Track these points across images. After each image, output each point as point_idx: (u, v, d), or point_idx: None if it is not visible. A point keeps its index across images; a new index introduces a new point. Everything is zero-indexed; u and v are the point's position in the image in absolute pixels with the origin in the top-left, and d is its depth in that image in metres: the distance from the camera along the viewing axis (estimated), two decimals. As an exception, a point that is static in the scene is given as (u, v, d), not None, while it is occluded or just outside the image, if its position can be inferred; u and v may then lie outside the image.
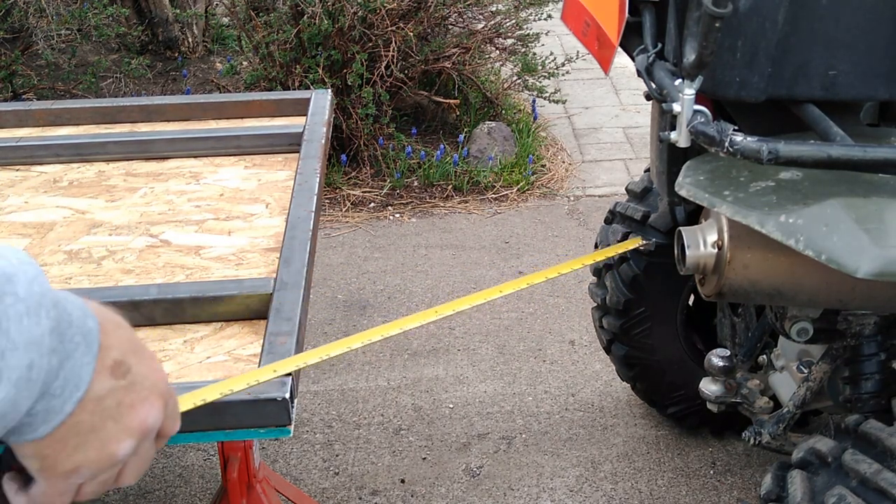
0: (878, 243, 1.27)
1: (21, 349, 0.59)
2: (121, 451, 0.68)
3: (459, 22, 4.45)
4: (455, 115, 4.46)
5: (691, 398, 2.30)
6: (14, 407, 0.60)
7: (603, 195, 4.04)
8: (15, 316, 0.59)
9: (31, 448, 0.65)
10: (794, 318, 1.74)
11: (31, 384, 0.60)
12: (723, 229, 1.60)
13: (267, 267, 1.48)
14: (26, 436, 0.63)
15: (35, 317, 0.60)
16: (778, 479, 1.56)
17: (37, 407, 0.62)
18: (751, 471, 2.46)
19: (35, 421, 0.63)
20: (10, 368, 0.58)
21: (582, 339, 3.01)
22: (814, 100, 1.46)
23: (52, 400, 0.63)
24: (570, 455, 2.52)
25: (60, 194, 1.76)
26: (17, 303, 0.59)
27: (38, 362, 0.60)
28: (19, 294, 0.59)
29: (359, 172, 4.10)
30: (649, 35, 1.56)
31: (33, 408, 0.62)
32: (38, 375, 0.60)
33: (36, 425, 0.63)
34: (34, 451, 0.65)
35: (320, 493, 2.38)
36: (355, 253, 3.58)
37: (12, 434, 0.63)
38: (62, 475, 0.66)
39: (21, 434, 0.63)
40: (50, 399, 0.63)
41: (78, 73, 4.54)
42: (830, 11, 1.40)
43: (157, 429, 0.71)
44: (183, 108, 2.06)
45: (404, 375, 2.84)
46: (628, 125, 4.75)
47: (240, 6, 4.14)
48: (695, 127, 1.35)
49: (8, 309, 0.58)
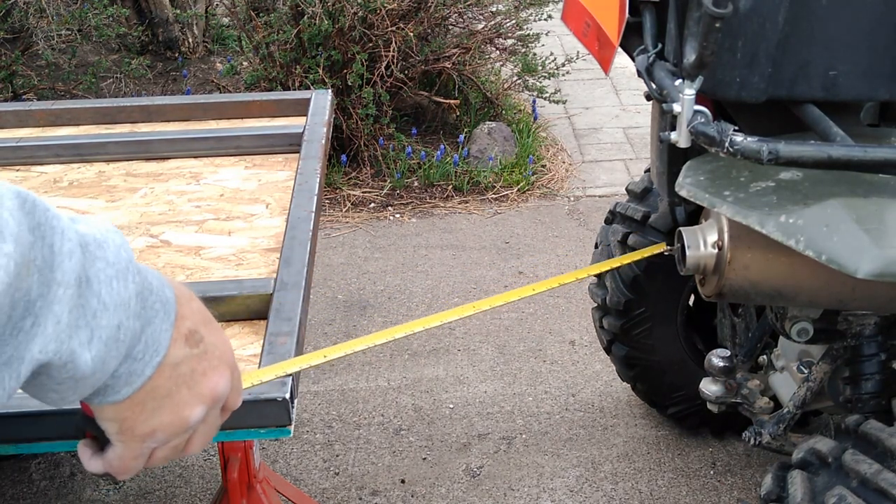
0: (879, 244, 1.27)
1: (111, 310, 0.62)
2: (193, 417, 0.71)
3: (460, 22, 4.45)
4: (455, 116, 4.46)
5: (691, 398, 2.30)
6: (103, 366, 0.63)
7: (603, 195, 4.04)
8: (105, 279, 0.62)
9: (112, 410, 0.68)
10: (794, 318, 1.74)
11: (119, 344, 0.64)
12: (723, 230, 1.60)
13: (267, 267, 1.48)
14: (109, 397, 0.67)
15: (123, 281, 0.63)
16: (778, 480, 1.56)
17: (121, 369, 0.65)
18: (751, 471, 2.46)
19: (118, 383, 0.66)
20: (102, 328, 0.62)
21: (582, 339, 3.01)
22: (814, 100, 1.46)
23: (134, 363, 0.66)
24: (571, 455, 2.52)
25: (61, 195, 1.76)
26: (107, 267, 0.62)
27: (125, 324, 0.64)
28: (109, 259, 0.63)
29: (359, 173, 4.10)
30: (649, 35, 1.56)
31: (118, 369, 0.65)
32: (125, 336, 0.64)
33: (118, 387, 0.66)
34: (115, 413, 0.68)
35: (320, 494, 2.38)
36: (355, 253, 3.58)
37: (96, 395, 0.66)
38: (139, 438, 0.69)
39: (105, 395, 0.66)
40: (132, 362, 0.66)
41: (78, 73, 4.54)
42: (831, 12, 1.39)
43: (225, 397, 0.74)
44: (183, 109, 2.06)
45: (404, 376, 2.84)
46: (628, 125, 4.75)
47: (240, 6, 4.14)
48: (695, 127, 1.35)
49: (99, 272, 0.62)
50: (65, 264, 0.59)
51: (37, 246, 0.57)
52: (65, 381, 0.62)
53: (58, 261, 0.59)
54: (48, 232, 0.58)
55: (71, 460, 2.48)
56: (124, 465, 0.71)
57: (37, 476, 2.43)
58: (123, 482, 2.40)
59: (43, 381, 0.62)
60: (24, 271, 0.56)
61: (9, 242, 0.55)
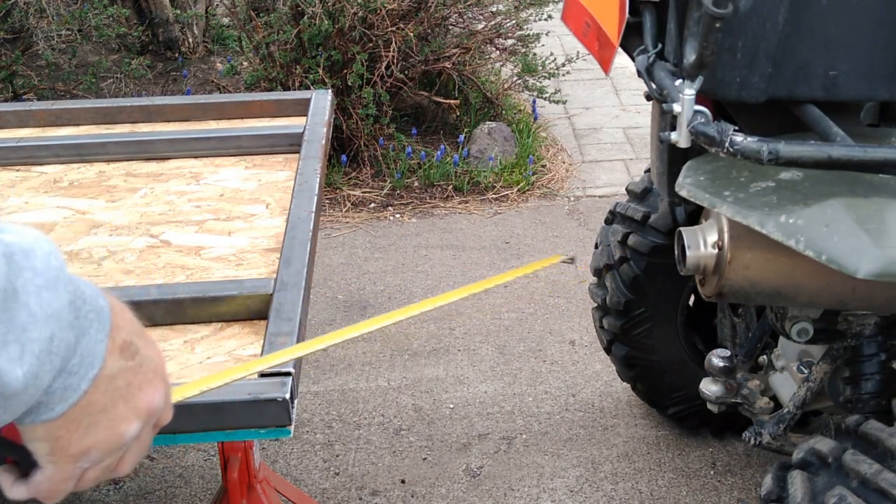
0: (879, 244, 1.27)
1: (42, 322, 0.59)
2: (129, 432, 0.67)
3: (460, 22, 4.45)
4: (455, 116, 4.46)
5: (692, 398, 2.30)
6: (36, 381, 0.59)
7: (603, 195, 4.04)
8: (34, 290, 0.59)
9: (44, 430, 0.64)
10: (794, 318, 1.74)
11: (53, 357, 0.60)
12: (723, 230, 1.60)
13: (267, 267, 1.48)
14: (42, 415, 0.63)
15: (54, 290, 0.60)
16: (778, 480, 1.56)
17: (55, 384, 0.62)
18: (751, 471, 2.46)
19: (52, 399, 0.62)
20: (32, 341, 0.58)
21: (582, 339, 3.01)
22: (814, 100, 1.46)
23: (70, 377, 0.62)
24: (571, 455, 2.52)
25: (61, 195, 1.76)
26: (35, 276, 0.59)
27: (58, 335, 0.60)
28: (37, 268, 0.59)
29: (359, 173, 4.10)
30: (650, 35, 1.56)
31: (52, 385, 0.62)
32: (58, 348, 0.60)
33: (53, 404, 0.62)
34: (47, 432, 0.64)
35: (320, 494, 2.38)
36: (355, 253, 3.58)
37: (28, 414, 0.62)
38: (72, 457, 0.66)
39: (37, 413, 0.62)
40: (67, 376, 0.62)
41: (78, 73, 4.54)
42: (831, 12, 1.40)
43: (160, 412, 0.71)
44: (183, 109, 2.06)
45: (405, 376, 2.84)
46: (628, 125, 4.75)
47: (240, 6, 4.14)
48: (695, 127, 1.35)
49: (27, 283, 0.58)
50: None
51: None
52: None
53: None
54: None
55: (71, 460, 2.47)
56: (53, 488, 0.67)
57: (37, 476, 2.43)
58: (124, 482, 2.40)
59: None
60: None
61: None
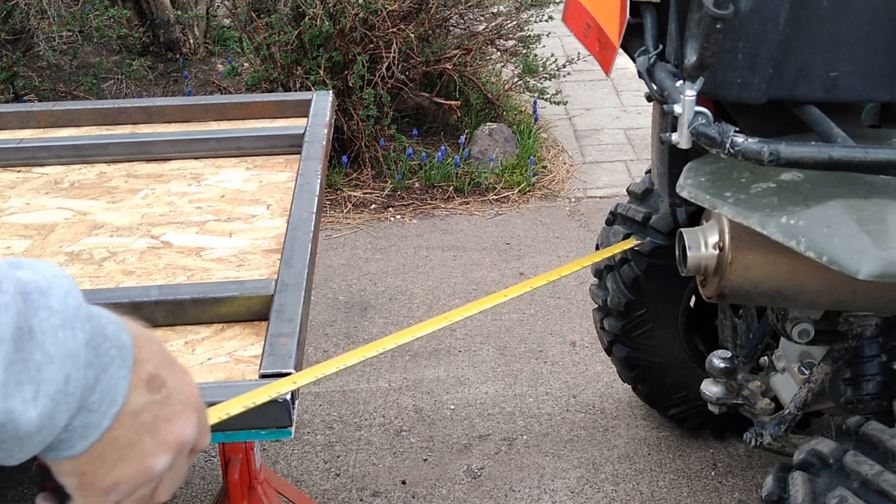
0: (880, 245, 1.27)
1: (57, 362, 0.58)
2: (158, 466, 0.67)
3: (460, 23, 4.45)
4: (456, 117, 4.46)
5: (692, 400, 2.30)
6: (51, 421, 0.59)
7: (604, 196, 4.04)
8: (50, 329, 0.58)
9: (70, 465, 0.64)
10: (795, 319, 1.74)
11: (69, 398, 0.60)
12: (724, 231, 1.60)
13: (268, 268, 1.48)
14: (64, 452, 0.63)
15: (70, 329, 0.59)
16: (779, 481, 1.56)
17: (74, 422, 0.61)
18: (752, 472, 2.46)
19: (73, 437, 0.62)
20: (47, 382, 0.58)
21: (583, 340, 3.01)
22: (815, 101, 1.46)
23: (90, 415, 0.62)
24: (572, 456, 2.52)
25: (62, 196, 1.76)
26: (51, 316, 0.59)
27: (74, 375, 0.60)
28: (54, 307, 0.59)
29: (360, 174, 4.10)
30: (650, 36, 1.56)
31: (70, 423, 0.61)
32: (74, 389, 0.60)
33: (74, 441, 0.62)
34: (72, 468, 0.64)
35: (321, 495, 2.38)
36: (356, 254, 3.58)
37: (50, 451, 0.62)
38: (101, 492, 0.65)
39: (59, 451, 0.62)
40: (87, 414, 0.62)
41: (79, 74, 4.54)
42: (832, 13, 1.39)
43: (192, 443, 0.70)
44: (184, 110, 2.07)
45: (405, 377, 2.84)
46: (629, 126, 4.75)
47: (241, 8, 4.14)
48: (696, 128, 1.35)
49: (43, 322, 0.58)
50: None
51: None
52: (7, 441, 0.58)
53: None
54: None
55: (72, 461, 2.47)
56: None
57: (38, 477, 2.43)
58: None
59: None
60: None
61: None
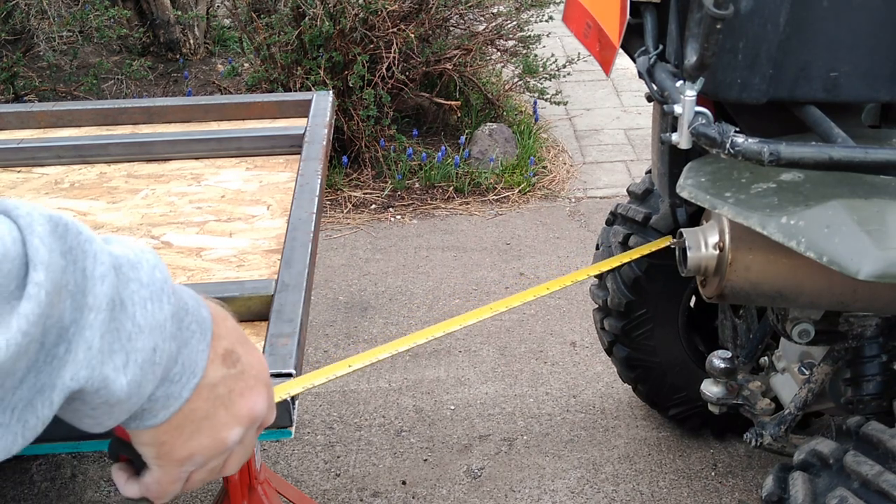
0: (880, 245, 1.27)
1: (146, 333, 0.61)
2: (231, 438, 0.70)
3: (461, 23, 4.45)
4: (456, 117, 4.47)
5: (693, 400, 2.30)
6: (139, 389, 0.62)
7: (604, 197, 4.04)
8: (140, 301, 0.61)
9: (149, 435, 0.67)
10: (795, 319, 1.74)
11: (156, 367, 0.62)
12: (724, 231, 1.60)
13: (268, 268, 1.48)
14: (147, 421, 0.65)
15: (158, 302, 0.62)
16: (779, 481, 1.56)
17: (157, 392, 0.64)
18: (752, 472, 2.46)
19: (155, 406, 0.65)
20: (137, 351, 0.60)
21: (583, 340, 3.01)
22: (815, 101, 1.46)
23: (171, 386, 0.65)
24: (572, 457, 2.52)
25: (62, 196, 1.76)
26: (141, 288, 0.61)
27: (161, 346, 0.62)
28: (143, 280, 0.62)
29: (360, 174, 4.10)
30: (651, 37, 1.56)
31: (154, 393, 0.64)
32: (161, 359, 0.62)
33: (156, 411, 0.65)
34: (152, 437, 0.67)
35: (321, 495, 2.38)
36: (356, 254, 3.58)
37: (133, 420, 0.65)
38: (177, 461, 0.68)
39: (142, 420, 0.65)
40: (169, 385, 0.65)
41: (79, 74, 4.54)
42: (832, 13, 1.39)
43: (263, 417, 0.73)
44: (184, 110, 2.07)
45: (405, 377, 2.84)
46: (629, 127, 4.75)
47: (241, 8, 4.14)
48: (696, 128, 1.35)
49: (133, 294, 0.61)
50: (97, 288, 0.58)
51: (69, 271, 0.56)
52: (99, 407, 0.61)
53: (90, 285, 0.58)
54: (80, 256, 0.57)
55: (72, 462, 2.48)
56: (162, 489, 0.70)
57: (38, 477, 2.43)
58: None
59: (77, 406, 0.61)
60: (55, 298, 0.55)
61: (39, 271, 0.54)
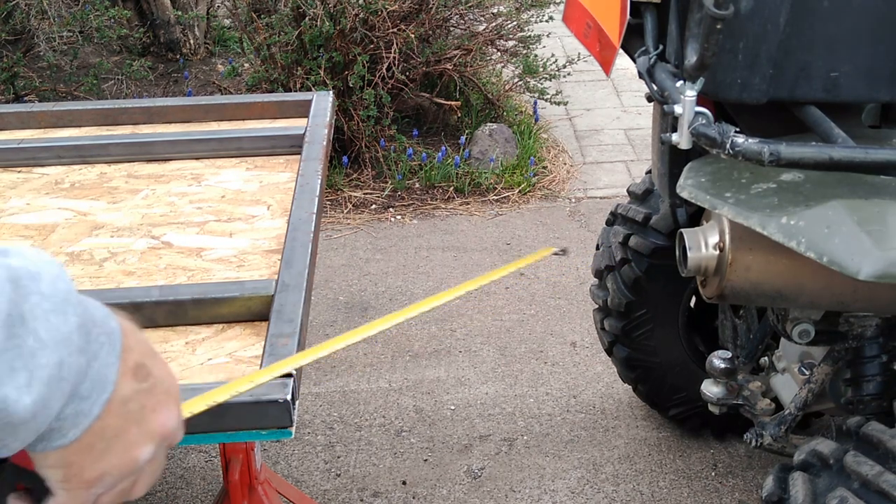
0: (880, 245, 1.27)
1: (50, 347, 0.57)
2: (142, 457, 0.66)
3: (461, 24, 4.45)
4: (456, 117, 4.47)
5: (693, 400, 2.30)
6: (46, 408, 0.58)
7: (604, 197, 4.04)
8: (42, 314, 0.57)
9: (57, 457, 0.63)
10: (795, 319, 1.74)
11: (62, 383, 0.59)
12: (724, 231, 1.60)
13: (268, 269, 1.48)
14: (55, 442, 0.62)
15: (62, 314, 0.59)
16: (779, 481, 1.56)
17: (66, 410, 0.61)
18: (752, 473, 2.46)
19: (64, 425, 0.61)
20: (41, 367, 0.57)
21: (583, 340, 3.01)
22: (815, 101, 1.46)
23: (81, 402, 0.61)
24: (572, 457, 2.52)
25: (62, 196, 1.76)
26: (42, 301, 0.58)
27: (67, 360, 0.59)
28: (44, 292, 0.58)
29: (360, 174, 4.10)
30: (651, 37, 1.56)
31: (63, 411, 0.60)
32: (68, 374, 0.59)
33: (65, 430, 0.61)
34: (59, 459, 0.63)
35: (322, 495, 2.38)
36: (357, 255, 3.58)
37: (40, 441, 0.61)
38: (86, 483, 0.64)
39: (50, 440, 0.61)
40: (79, 402, 0.61)
41: (80, 74, 4.54)
42: (832, 13, 1.39)
43: (174, 434, 0.69)
44: (184, 110, 2.06)
45: (406, 377, 2.84)
46: (630, 127, 4.75)
47: (241, 8, 4.14)
48: (696, 129, 1.35)
49: (34, 308, 0.57)
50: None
51: None
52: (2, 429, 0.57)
53: None
54: None
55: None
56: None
57: (38, 477, 2.43)
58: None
59: None
60: None
61: None
